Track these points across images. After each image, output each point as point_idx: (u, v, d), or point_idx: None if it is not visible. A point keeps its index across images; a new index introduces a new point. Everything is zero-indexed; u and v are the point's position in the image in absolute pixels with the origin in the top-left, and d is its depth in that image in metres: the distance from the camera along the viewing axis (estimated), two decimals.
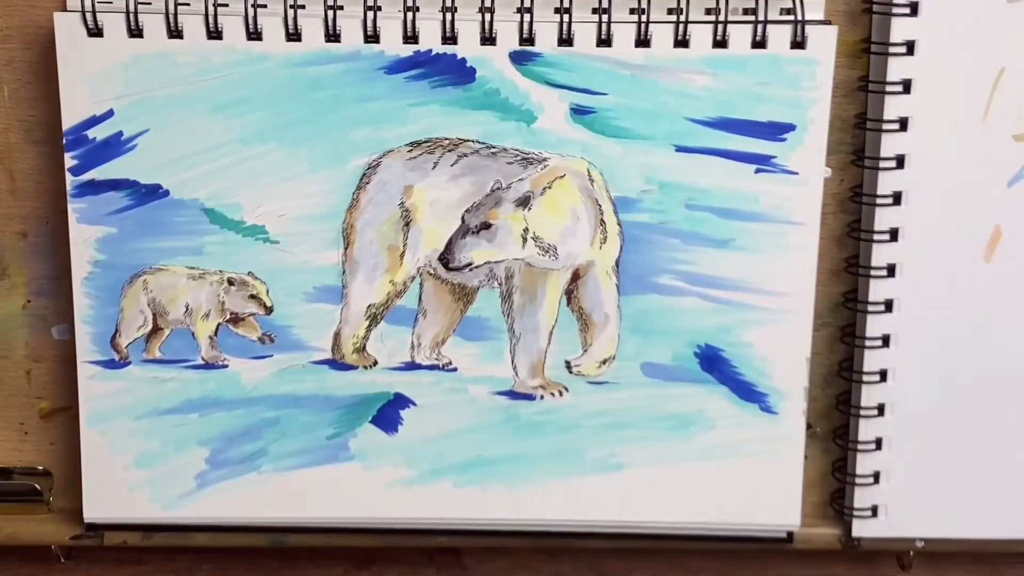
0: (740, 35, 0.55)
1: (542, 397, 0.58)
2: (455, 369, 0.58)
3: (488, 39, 0.55)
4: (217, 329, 0.58)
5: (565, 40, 0.55)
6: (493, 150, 0.56)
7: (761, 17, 0.55)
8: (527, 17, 0.55)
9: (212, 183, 0.56)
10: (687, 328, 0.57)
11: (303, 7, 0.55)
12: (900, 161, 0.56)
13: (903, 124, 0.56)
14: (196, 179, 0.56)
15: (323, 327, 0.58)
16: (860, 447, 0.59)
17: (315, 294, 0.57)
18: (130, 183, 0.56)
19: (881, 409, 0.59)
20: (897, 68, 0.55)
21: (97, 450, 0.58)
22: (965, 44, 0.55)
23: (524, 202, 0.56)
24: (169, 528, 0.60)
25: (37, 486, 0.60)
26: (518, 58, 0.55)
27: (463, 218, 0.57)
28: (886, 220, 0.57)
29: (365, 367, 0.58)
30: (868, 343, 0.58)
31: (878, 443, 0.59)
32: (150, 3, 0.54)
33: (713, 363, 0.58)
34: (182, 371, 0.58)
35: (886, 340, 0.58)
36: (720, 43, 0.55)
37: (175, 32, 0.54)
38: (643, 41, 0.55)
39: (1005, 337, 0.58)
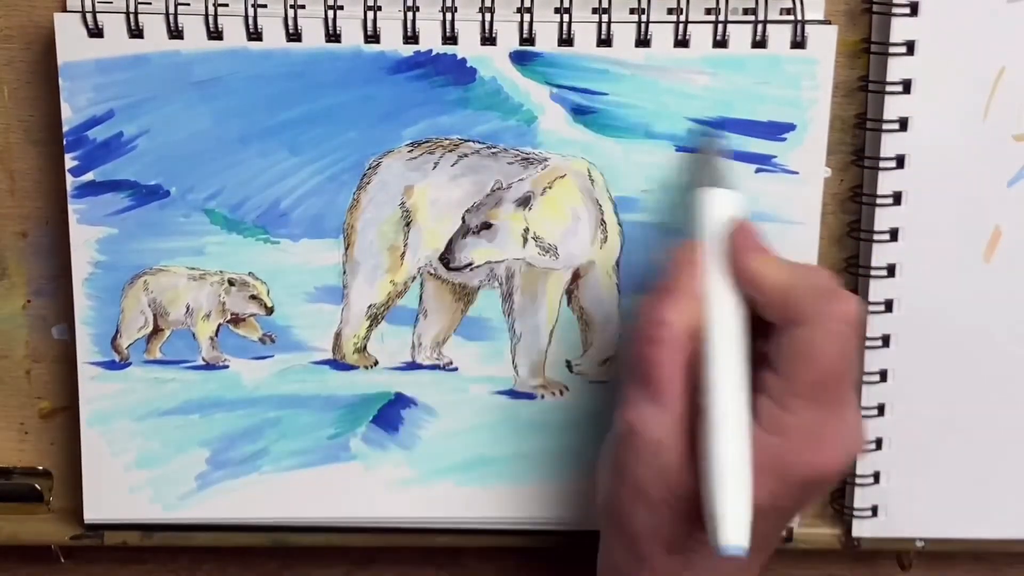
0: (740, 35, 0.55)
1: (543, 396, 0.58)
2: (456, 369, 0.58)
3: (488, 39, 0.55)
4: (218, 330, 0.58)
5: (565, 40, 0.55)
6: (493, 150, 0.56)
7: (761, 17, 0.55)
8: (527, 17, 0.55)
9: (212, 183, 0.56)
10: None
11: (303, 7, 0.55)
12: (900, 161, 0.56)
13: (903, 124, 0.56)
14: (196, 179, 0.56)
15: (324, 327, 0.58)
16: None
17: (316, 294, 0.57)
18: (130, 184, 0.56)
19: (881, 409, 0.59)
20: (897, 68, 0.55)
21: (97, 450, 0.58)
22: (965, 44, 0.55)
23: (525, 202, 0.56)
24: (169, 528, 0.60)
25: (37, 486, 0.60)
26: (518, 58, 0.55)
27: (464, 218, 0.57)
28: (886, 220, 0.57)
29: (366, 367, 0.58)
30: (868, 343, 0.58)
31: (878, 443, 0.59)
32: (150, 3, 0.54)
33: None
34: (183, 372, 0.58)
35: (886, 340, 0.58)
36: (720, 43, 0.55)
37: (175, 32, 0.54)
38: (643, 41, 0.55)
39: (1005, 337, 0.58)
